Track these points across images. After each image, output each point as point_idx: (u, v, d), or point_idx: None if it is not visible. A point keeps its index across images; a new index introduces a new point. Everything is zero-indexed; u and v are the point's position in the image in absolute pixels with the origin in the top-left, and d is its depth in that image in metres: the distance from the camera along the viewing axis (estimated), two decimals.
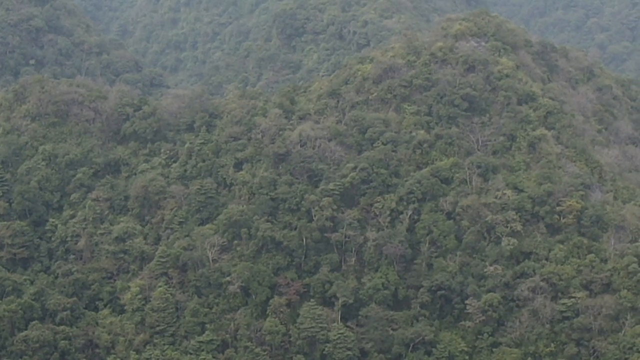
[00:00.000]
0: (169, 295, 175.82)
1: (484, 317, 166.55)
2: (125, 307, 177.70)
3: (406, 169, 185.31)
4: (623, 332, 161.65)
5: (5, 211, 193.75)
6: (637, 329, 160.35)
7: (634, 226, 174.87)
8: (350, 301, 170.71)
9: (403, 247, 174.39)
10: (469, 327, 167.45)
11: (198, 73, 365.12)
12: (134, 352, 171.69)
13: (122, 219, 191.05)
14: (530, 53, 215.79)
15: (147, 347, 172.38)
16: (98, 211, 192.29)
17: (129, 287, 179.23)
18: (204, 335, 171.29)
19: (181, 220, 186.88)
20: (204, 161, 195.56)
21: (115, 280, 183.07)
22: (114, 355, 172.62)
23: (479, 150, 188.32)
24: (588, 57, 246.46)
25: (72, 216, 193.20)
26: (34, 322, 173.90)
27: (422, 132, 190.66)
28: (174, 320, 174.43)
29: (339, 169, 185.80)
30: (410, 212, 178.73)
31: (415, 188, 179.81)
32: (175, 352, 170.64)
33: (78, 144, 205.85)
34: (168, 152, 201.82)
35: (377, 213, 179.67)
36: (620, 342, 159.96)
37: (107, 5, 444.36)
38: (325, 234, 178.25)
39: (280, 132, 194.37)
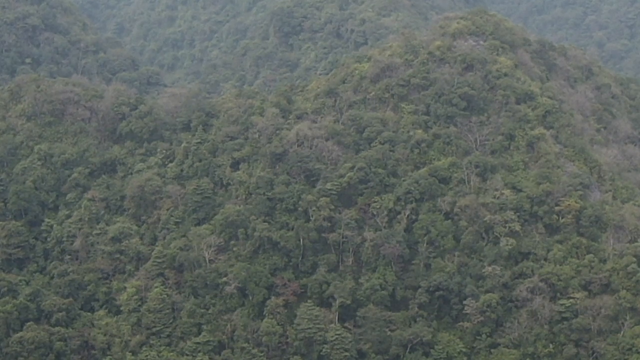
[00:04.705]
0: (165, 296, 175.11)
1: (482, 318, 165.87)
2: (121, 308, 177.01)
3: (404, 169, 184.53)
4: (622, 332, 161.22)
5: (0, 211, 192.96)
6: (636, 329, 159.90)
7: (633, 226, 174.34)
8: (348, 302, 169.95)
9: (401, 247, 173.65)
10: (467, 327, 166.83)
11: (195, 71, 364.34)
12: (130, 354, 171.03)
13: (118, 219, 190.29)
14: (529, 52, 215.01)
15: (143, 348, 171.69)
16: (94, 211, 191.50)
17: (125, 287, 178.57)
18: (200, 336, 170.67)
19: (177, 220, 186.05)
20: (200, 161, 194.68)
21: (111, 280, 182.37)
22: (110, 357, 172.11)
23: (477, 149, 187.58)
24: (586, 55, 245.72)
25: (68, 216, 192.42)
26: (29, 323, 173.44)
27: (420, 131, 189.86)
28: (170, 321, 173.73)
29: (336, 169, 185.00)
30: (408, 212, 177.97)
31: (413, 188, 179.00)
32: (172, 353, 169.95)
33: (74, 144, 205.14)
34: (164, 151, 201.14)
35: (375, 213, 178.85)
36: (620, 343, 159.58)
37: (103, 3, 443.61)
38: (323, 234, 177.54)
39: (277, 132, 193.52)
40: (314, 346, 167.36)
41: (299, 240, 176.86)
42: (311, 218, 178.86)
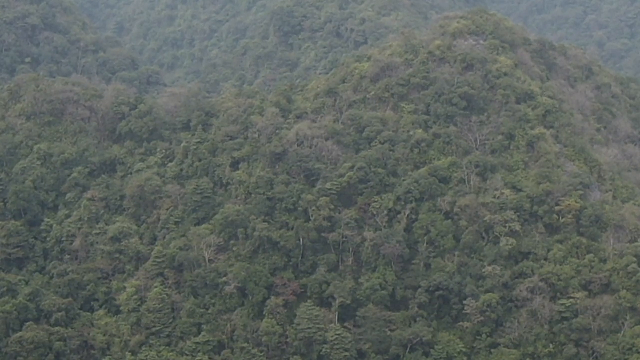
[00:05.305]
0: (165, 295, 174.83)
1: (482, 318, 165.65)
2: (121, 308, 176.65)
3: (404, 168, 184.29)
4: (622, 332, 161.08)
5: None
6: (636, 329, 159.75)
7: (633, 226, 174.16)
8: (348, 301, 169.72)
9: (401, 247, 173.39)
10: (467, 327, 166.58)
11: (195, 70, 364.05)
12: (130, 353, 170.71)
13: (117, 219, 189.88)
14: (529, 51, 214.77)
15: (143, 348, 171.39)
16: (93, 211, 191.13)
17: (125, 287, 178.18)
18: (200, 336, 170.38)
19: (177, 220, 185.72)
20: (200, 160, 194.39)
21: (110, 280, 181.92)
22: (110, 357, 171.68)
23: (477, 149, 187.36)
24: (586, 54, 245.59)
25: (67, 216, 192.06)
26: (28, 323, 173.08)
27: (419, 131, 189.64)
28: (170, 320, 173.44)
29: (336, 168, 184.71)
30: (407, 212, 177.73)
31: (412, 187, 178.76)
32: (171, 353, 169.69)
33: (73, 143, 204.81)
34: (164, 151, 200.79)
35: (375, 213, 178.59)
36: (620, 343, 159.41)
37: (103, 2, 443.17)
38: (323, 234, 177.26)
39: (277, 131, 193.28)
40: (313, 346, 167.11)
41: (299, 240, 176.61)
42: (311, 218, 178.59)
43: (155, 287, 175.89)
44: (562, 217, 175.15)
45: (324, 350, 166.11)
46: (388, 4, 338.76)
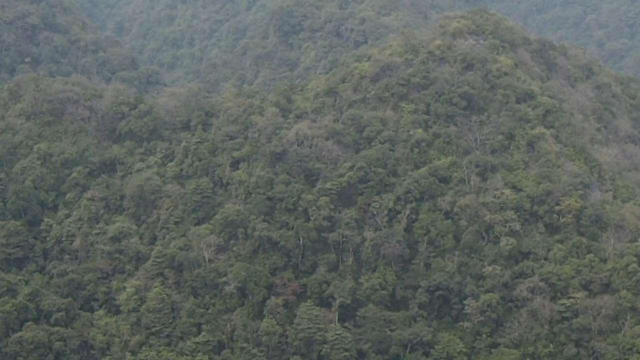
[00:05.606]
0: (165, 295, 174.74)
1: (482, 318, 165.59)
2: (121, 308, 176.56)
3: (404, 168, 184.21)
4: (623, 332, 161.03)
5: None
6: (636, 329, 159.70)
7: (633, 225, 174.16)
8: (348, 301, 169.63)
9: (401, 247, 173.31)
10: (467, 327, 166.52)
11: (195, 70, 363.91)
12: (130, 353, 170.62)
13: (117, 219, 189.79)
14: (529, 51, 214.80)
15: (143, 348, 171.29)
16: (93, 211, 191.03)
17: (125, 287, 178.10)
18: (200, 336, 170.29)
19: (177, 220, 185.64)
20: (200, 160, 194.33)
21: (110, 280, 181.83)
22: (110, 357, 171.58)
23: (477, 149, 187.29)
24: (587, 54, 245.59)
25: (67, 216, 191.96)
26: (28, 323, 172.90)
27: (420, 130, 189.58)
28: (170, 321, 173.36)
29: (336, 168, 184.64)
30: (408, 212, 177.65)
31: (413, 187, 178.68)
32: (171, 353, 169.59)
33: (73, 143, 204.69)
34: (164, 151, 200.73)
35: (375, 212, 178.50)
36: (620, 343, 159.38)
37: (103, 2, 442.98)
38: (323, 234, 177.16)
39: (277, 131, 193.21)
40: (313, 346, 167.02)
41: (299, 240, 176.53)
42: (311, 218, 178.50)
43: (155, 287, 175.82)
44: (562, 217, 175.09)
45: (324, 350, 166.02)
46: (388, 3, 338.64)
